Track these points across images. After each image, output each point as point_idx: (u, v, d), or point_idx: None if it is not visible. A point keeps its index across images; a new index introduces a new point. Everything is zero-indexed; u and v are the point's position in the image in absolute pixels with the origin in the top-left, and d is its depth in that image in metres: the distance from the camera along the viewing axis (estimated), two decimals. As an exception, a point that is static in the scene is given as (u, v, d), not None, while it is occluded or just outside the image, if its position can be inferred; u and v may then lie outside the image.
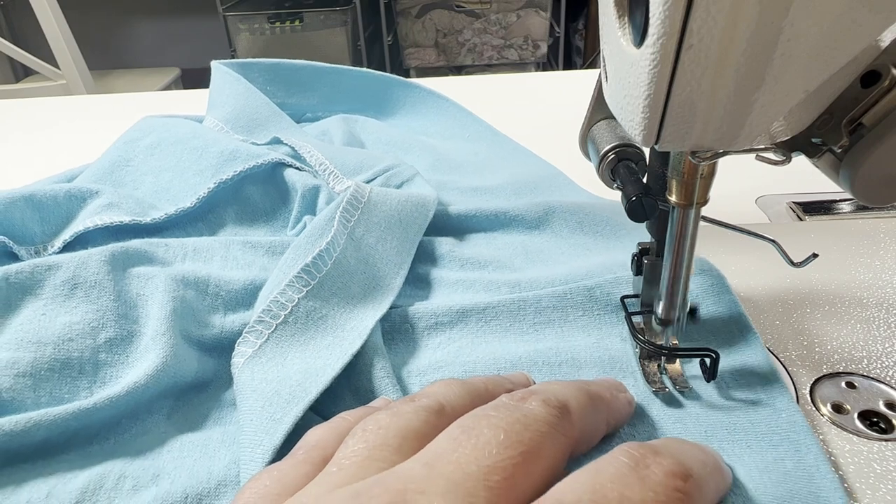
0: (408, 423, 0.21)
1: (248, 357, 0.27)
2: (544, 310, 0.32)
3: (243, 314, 0.32)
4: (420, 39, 2.16)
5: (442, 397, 0.22)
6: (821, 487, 0.23)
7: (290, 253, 0.32)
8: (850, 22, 0.18)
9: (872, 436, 0.26)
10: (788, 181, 0.47)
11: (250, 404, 0.25)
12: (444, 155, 0.52)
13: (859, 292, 0.34)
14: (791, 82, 0.19)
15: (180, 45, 2.45)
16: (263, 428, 0.24)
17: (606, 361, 0.30)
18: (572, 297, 0.33)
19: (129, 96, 0.78)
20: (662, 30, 0.18)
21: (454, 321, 0.32)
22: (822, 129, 0.23)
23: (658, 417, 0.27)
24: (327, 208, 0.35)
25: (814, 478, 0.23)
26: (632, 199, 0.26)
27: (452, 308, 0.32)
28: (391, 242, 0.35)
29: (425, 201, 0.39)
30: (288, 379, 0.26)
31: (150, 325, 0.29)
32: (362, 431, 0.21)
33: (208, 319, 0.31)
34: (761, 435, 0.25)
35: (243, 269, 0.33)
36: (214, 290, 0.32)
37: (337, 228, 0.33)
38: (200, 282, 0.32)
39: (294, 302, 0.29)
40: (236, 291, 0.32)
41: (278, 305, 0.29)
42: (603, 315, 0.32)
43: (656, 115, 0.20)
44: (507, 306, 0.32)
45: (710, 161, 0.22)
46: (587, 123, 0.33)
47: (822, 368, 0.30)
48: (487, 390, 0.24)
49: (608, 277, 0.33)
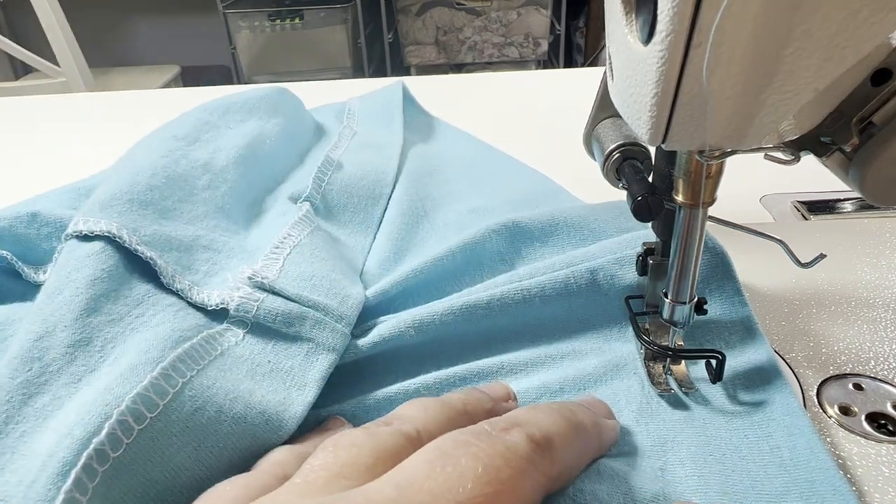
0: (383, 443, 0.20)
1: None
2: (550, 299, 0.31)
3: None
4: (420, 37, 2.16)
5: (420, 423, 0.21)
6: (827, 492, 0.23)
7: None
8: (861, 19, 0.17)
9: (881, 438, 0.26)
10: (793, 180, 0.46)
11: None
12: (439, 167, 0.50)
13: (866, 292, 0.34)
14: (801, 80, 0.18)
15: (180, 42, 2.44)
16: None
17: (611, 367, 0.29)
18: (576, 280, 0.31)
19: (129, 94, 0.77)
20: (671, 27, 0.18)
21: (460, 320, 0.31)
22: (832, 128, 0.23)
23: (663, 419, 0.27)
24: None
25: (816, 480, 0.23)
26: (637, 199, 0.26)
27: (454, 306, 0.31)
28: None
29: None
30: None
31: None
32: (333, 446, 0.20)
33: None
34: (764, 437, 0.25)
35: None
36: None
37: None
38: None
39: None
40: None
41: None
42: (606, 301, 0.32)
43: (664, 113, 0.20)
44: (513, 297, 0.31)
45: (718, 160, 0.22)
46: (592, 122, 0.32)
47: (828, 370, 0.30)
48: (466, 412, 0.23)
49: (610, 258, 0.32)
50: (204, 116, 0.41)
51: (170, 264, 0.29)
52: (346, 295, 0.30)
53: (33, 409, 0.22)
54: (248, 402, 0.24)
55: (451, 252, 0.34)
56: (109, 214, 0.29)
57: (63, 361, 0.23)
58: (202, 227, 0.33)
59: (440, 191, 0.46)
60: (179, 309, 0.27)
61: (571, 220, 0.36)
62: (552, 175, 0.48)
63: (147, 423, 0.21)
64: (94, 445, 0.19)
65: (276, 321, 0.27)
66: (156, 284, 0.28)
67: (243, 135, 0.41)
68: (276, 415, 0.24)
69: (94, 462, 0.19)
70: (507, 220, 0.36)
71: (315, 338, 0.27)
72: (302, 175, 0.44)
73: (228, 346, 0.26)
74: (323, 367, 0.27)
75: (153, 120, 0.42)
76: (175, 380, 0.22)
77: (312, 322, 0.28)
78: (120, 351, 0.24)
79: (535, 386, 0.29)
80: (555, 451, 0.21)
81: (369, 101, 0.56)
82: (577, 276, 0.32)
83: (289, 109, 0.48)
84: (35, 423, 0.22)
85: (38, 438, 0.21)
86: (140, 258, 0.28)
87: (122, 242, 0.28)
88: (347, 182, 0.42)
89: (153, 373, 0.22)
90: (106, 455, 0.20)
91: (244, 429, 0.23)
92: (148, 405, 0.21)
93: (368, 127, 0.52)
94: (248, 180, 0.39)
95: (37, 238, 0.32)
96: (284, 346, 0.27)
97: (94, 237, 0.28)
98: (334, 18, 2.02)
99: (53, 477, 0.19)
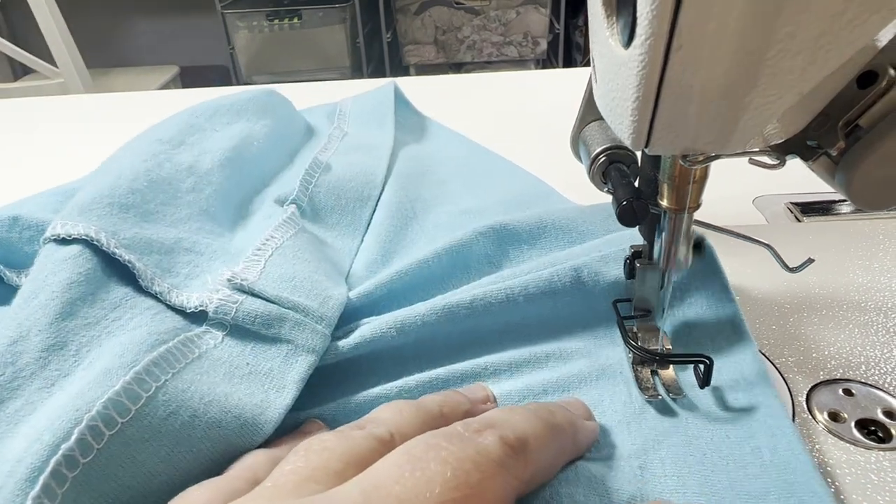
0: (356, 447, 0.20)
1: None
2: (533, 298, 0.31)
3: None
4: (419, 36, 2.15)
5: (393, 426, 0.21)
6: (809, 497, 0.22)
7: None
8: (846, 21, 0.17)
9: (870, 445, 0.26)
10: (786, 182, 0.46)
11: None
12: (431, 168, 0.50)
13: (857, 296, 0.34)
14: (785, 83, 0.18)
15: (179, 42, 2.44)
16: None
17: (597, 369, 0.29)
18: (560, 279, 0.31)
19: (128, 95, 0.77)
20: (651, 30, 0.17)
21: (442, 320, 0.30)
22: (818, 132, 0.23)
23: (648, 422, 0.26)
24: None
25: (802, 488, 0.23)
26: (622, 204, 0.26)
27: (436, 307, 0.30)
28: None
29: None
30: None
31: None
32: (305, 450, 0.20)
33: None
34: (745, 438, 0.25)
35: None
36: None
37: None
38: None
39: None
40: None
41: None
42: (592, 299, 0.31)
43: (645, 117, 0.19)
44: (495, 296, 0.31)
45: (702, 164, 0.22)
46: (579, 124, 0.32)
47: (818, 375, 0.29)
48: (442, 414, 0.23)
49: (594, 256, 0.32)
50: (190, 119, 0.41)
51: (149, 267, 0.29)
52: (328, 296, 0.30)
53: (5, 413, 0.22)
54: (224, 405, 0.23)
55: (436, 254, 0.33)
56: (88, 218, 0.29)
57: (36, 366, 0.23)
58: (185, 230, 0.32)
59: (432, 192, 0.46)
60: (157, 312, 0.27)
61: (559, 222, 0.36)
62: (551, 175, 0.47)
63: (118, 429, 0.20)
64: (63, 451, 0.19)
65: (256, 323, 0.27)
66: (134, 288, 0.28)
67: (230, 137, 0.41)
68: (252, 419, 0.24)
69: (63, 468, 0.19)
70: (495, 223, 0.35)
71: (295, 339, 0.27)
72: (289, 177, 0.43)
73: (207, 349, 0.26)
74: (302, 369, 0.27)
75: (152, 121, 0.41)
76: (149, 384, 0.22)
77: (292, 323, 0.27)
78: (95, 355, 0.24)
79: (519, 388, 0.28)
80: (529, 454, 0.20)
81: (361, 101, 0.56)
82: (560, 274, 0.31)
83: (278, 111, 0.48)
84: (6, 429, 0.21)
85: (9, 444, 0.21)
86: (119, 262, 0.28)
87: (99, 245, 0.28)
88: (335, 184, 0.42)
89: (126, 377, 0.22)
90: (76, 461, 0.19)
91: (219, 433, 0.23)
92: (120, 410, 0.21)
93: (359, 128, 0.52)
94: (235, 183, 0.39)
95: (18, 242, 0.31)
96: (264, 347, 0.27)
97: (72, 241, 0.27)
98: (333, 18, 2.02)
99: (21, 483, 0.19)
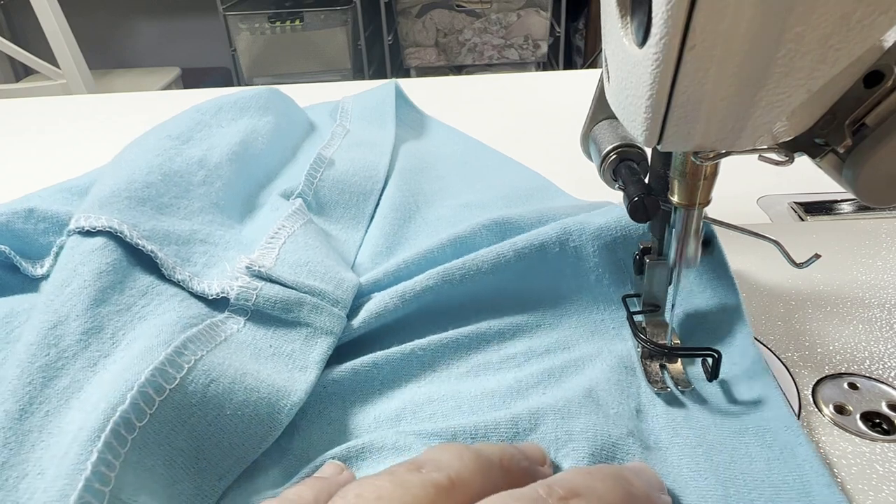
0: (413, 498, 0.18)
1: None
2: (524, 254, 0.32)
3: None
4: (420, 39, 2.16)
5: (453, 472, 0.19)
6: (812, 486, 0.23)
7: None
8: (855, 21, 0.18)
9: (875, 437, 0.26)
10: (790, 181, 0.47)
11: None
12: (431, 164, 0.51)
13: (861, 293, 0.34)
14: (794, 82, 0.19)
15: (180, 44, 2.44)
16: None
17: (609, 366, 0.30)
18: (546, 233, 0.33)
19: (129, 96, 0.78)
20: (665, 29, 0.18)
21: (441, 284, 0.31)
22: (825, 130, 0.23)
23: (659, 418, 0.27)
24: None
25: (807, 478, 0.23)
26: (633, 200, 0.26)
27: (432, 273, 0.32)
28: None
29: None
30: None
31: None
32: (356, 497, 0.18)
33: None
34: (754, 436, 0.25)
35: None
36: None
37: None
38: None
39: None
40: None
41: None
42: (579, 249, 0.33)
43: (658, 115, 0.20)
44: (486, 255, 0.32)
45: (713, 161, 0.22)
46: (589, 123, 0.33)
47: (824, 369, 0.30)
48: (502, 467, 0.21)
49: (580, 216, 0.34)
50: (197, 116, 0.42)
51: (169, 257, 0.30)
52: (342, 279, 0.31)
53: (54, 390, 0.23)
54: (258, 377, 0.25)
55: (441, 245, 0.34)
56: (109, 211, 0.30)
57: (78, 347, 0.25)
58: (198, 222, 0.33)
59: (432, 186, 0.47)
60: (183, 299, 0.28)
61: (561, 217, 0.37)
62: (552, 176, 0.48)
63: (167, 395, 0.22)
64: (120, 413, 0.20)
65: (276, 308, 0.28)
66: (157, 276, 0.29)
67: (236, 132, 0.42)
68: (283, 387, 0.25)
69: (122, 429, 0.20)
70: (499, 217, 0.36)
71: (313, 322, 0.28)
72: (294, 172, 0.44)
73: (231, 333, 0.27)
74: (322, 350, 0.28)
75: (153, 122, 0.42)
76: (188, 357, 0.24)
77: (310, 307, 0.29)
78: (131, 337, 0.25)
79: (522, 351, 0.30)
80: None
81: (362, 99, 0.57)
82: (546, 230, 0.33)
83: (280, 107, 0.49)
84: (58, 404, 0.23)
85: (64, 417, 0.22)
86: (141, 252, 0.29)
87: (123, 237, 0.29)
88: (339, 179, 0.43)
89: (168, 350, 0.23)
90: (132, 424, 0.21)
91: (257, 397, 0.24)
92: (166, 378, 0.22)
93: (361, 125, 0.52)
94: (242, 176, 0.40)
95: (34, 233, 0.32)
96: (284, 331, 0.28)
97: (97, 233, 0.29)
98: (334, 20, 2.02)
99: (85, 443, 0.20)
